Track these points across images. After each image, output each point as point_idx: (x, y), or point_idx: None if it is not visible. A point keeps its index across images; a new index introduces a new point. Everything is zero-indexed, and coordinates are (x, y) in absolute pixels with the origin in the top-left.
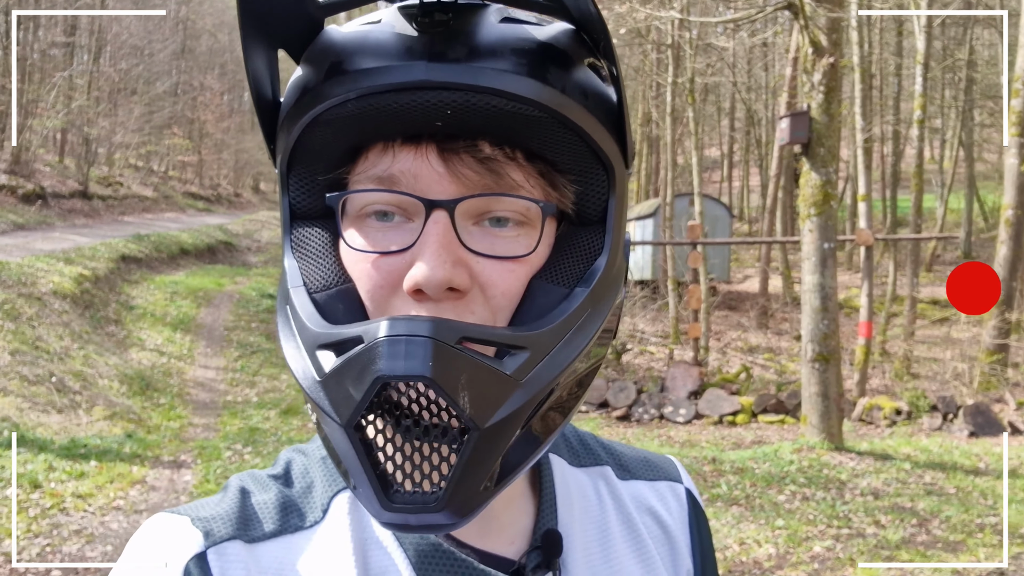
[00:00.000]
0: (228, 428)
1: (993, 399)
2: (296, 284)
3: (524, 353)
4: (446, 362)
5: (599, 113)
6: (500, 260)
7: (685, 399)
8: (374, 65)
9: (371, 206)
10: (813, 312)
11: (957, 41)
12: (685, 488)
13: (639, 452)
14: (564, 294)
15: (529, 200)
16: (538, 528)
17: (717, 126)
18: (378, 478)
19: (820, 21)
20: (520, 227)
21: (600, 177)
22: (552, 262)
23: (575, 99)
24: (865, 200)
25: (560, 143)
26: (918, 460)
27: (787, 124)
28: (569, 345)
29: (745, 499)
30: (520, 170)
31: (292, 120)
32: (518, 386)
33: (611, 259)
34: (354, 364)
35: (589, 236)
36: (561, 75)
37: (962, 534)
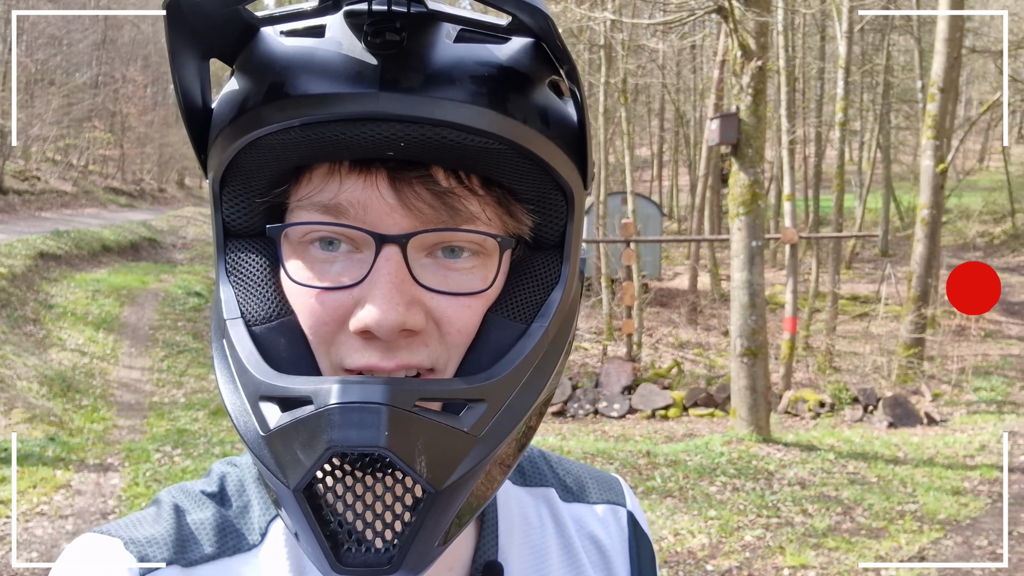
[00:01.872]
0: (155, 430)
1: (910, 391)
2: (233, 316)
3: (481, 406)
4: (402, 429)
5: (560, 140)
6: (456, 296)
7: (619, 394)
8: (321, 91)
9: (315, 233)
10: (742, 308)
11: (875, 47)
12: (628, 511)
13: (585, 471)
14: (520, 331)
15: (487, 235)
16: (478, 558)
17: (647, 126)
18: (328, 538)
19: (749, 25)
20: (475, 257)
21: (559, 203)
22: (507, 293)
23: (536, 128)
24: (790, 200)
25: (520, 173)
26: (841, 451)
27: (717, 125)
28: (528, 389)
29: (679, 491)
30: (476, 200)
31: (227, 139)
32: (476, 442)
33: (567, 289)
34: (302, 429)
35: (546, 263)
36: (522, 103)
37: (884, 521)
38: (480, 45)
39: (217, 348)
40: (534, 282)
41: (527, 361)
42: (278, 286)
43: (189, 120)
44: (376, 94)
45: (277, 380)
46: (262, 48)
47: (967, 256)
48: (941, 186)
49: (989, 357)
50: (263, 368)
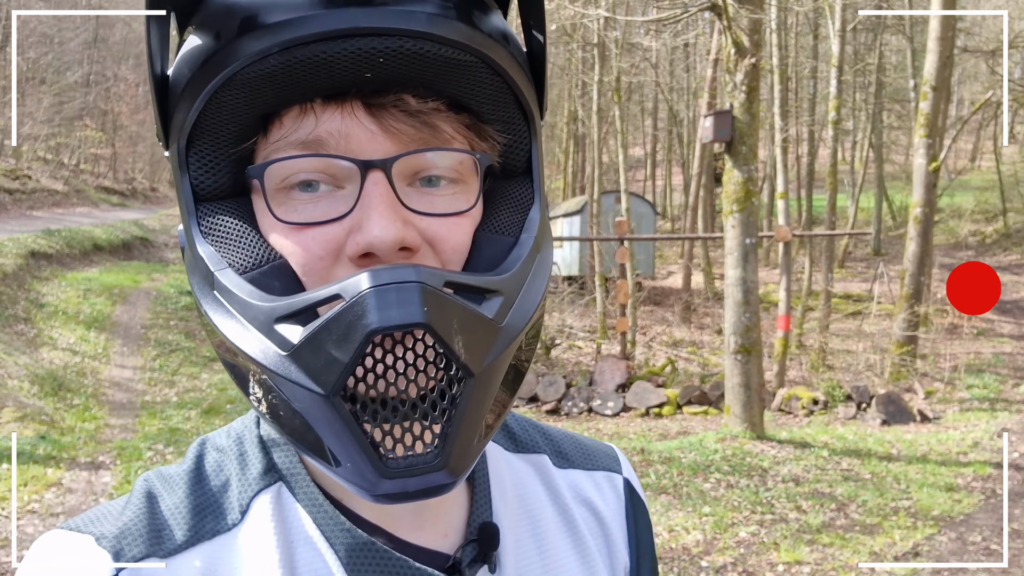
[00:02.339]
0: (147, 429)
1: (903, 389)
2: (220, 267)
3: (499, 297)
4: (439, 307)
5: (520, 59)
6: (445, 217)
7: (613, 392)
8: (295, 15)
9: (294, 176)
10: (735, 305)
11: (868, 46)
12: (624, 478)
13: (579, 439)
14: (511, 242)
15: (467, 152)
16: (472, 520)
17: (641, 125)
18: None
19: (742, 22)
20: (454, 184)
21: (522, 127)
22: (490, 214)
23: (499, 43)
24: (783, 198)
25: (487, 91)
26: (835, 448)
27: (711, 123)
28: (533, 286)
29: (673, 488)
30: (449, 123)
31: (195, 89)
32: (500, 330)
33: (543, 206)
34: (338, 323)
35: (518, 188)
36: (489, 21)
37: (878, 517)
38: None
39: (208, 300)
40: (511, 203)
41: (527, 262)
42: (260, 237)
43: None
44: (351, 10)
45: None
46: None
47: (959, 255)
48: (934, 185)
49: (982, 355)
50: (267, 296)
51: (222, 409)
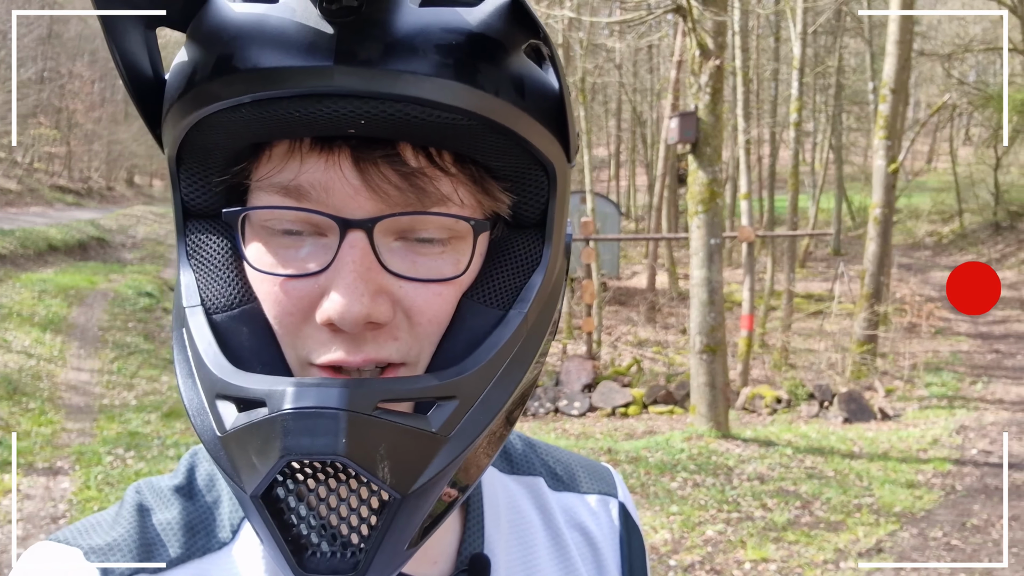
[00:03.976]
0: (106, 433)
1: (864, 387)
2: (193, 303)
3: (451, 404)
4: (361, 435)
5: (538, 111)
6: (426, 283)
7: (579, 392)
8: (272, 64)
9: (276, 223)
10: (701, 305)
11: (828, 49)
12: (619, 503)
13: (575, 460)
14: (498, 318)
15: (459, 218)
16: (464, 549)
17: (605, 126)
18: (290, 543)
19: (706, 24)
20: (448, 243)
21: (539, 179)
22: (485, 277)
23: (509, 100)
24: (746, 199)
25: (494, 149)
26: (799, 446)
27: (676, 124)
28: (504, 381)
29: (640, 487)
30: (448, 179)
31: (177, 116)
32: (445, 442)
33: (549, 270)
34: (257, 433)
35: (526, 244)
36: (494, 73)
37: (841, 514)
38: (448, 9)
39: (177, 338)
40: (513, 264)
41: (503, 351)
42: (241, 270)
43: (138, 93)
44: (331, 68)
45: (233, 378)
46: (212, 15)
47: (917, 255)
48: (893, 185)
49: (940, 353)
50: (221, 363)
51: (183, 412)
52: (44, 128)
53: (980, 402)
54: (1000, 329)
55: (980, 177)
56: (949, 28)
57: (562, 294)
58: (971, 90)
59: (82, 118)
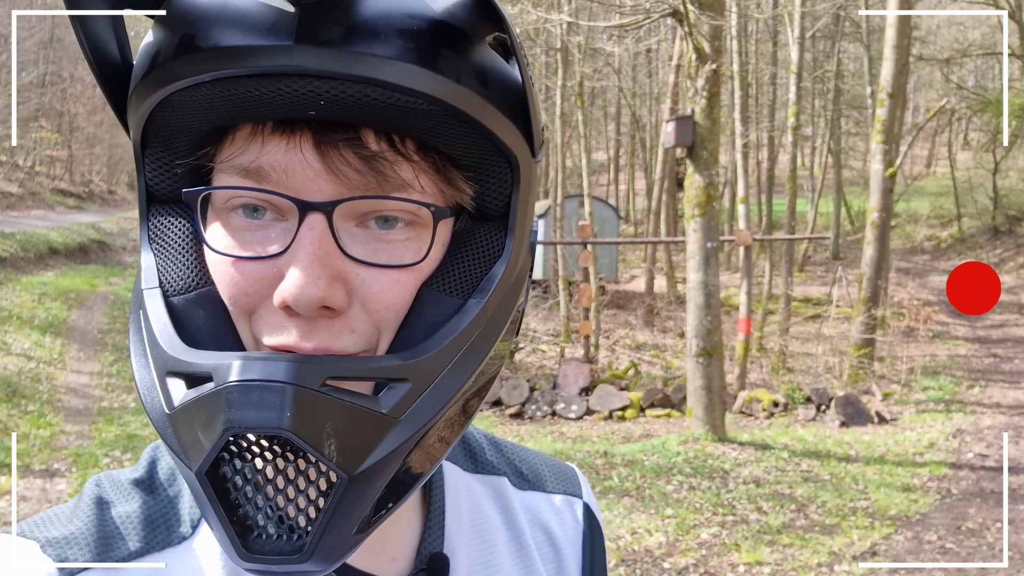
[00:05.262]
0: (104, 435)
1: (861, 391)
2: (151, 285)
3: (404, 386)
4: (307, 410)
5: (501, 102)
6: (385, 269)
7: (576, 395)
8: (233, 43)
9: (237, 199)
10: (697, 309)
11: (826, 53)
12: (584, 503)
13: (541, 460)
14: (456, 306)
15: (419, 204)
16: (423, 548)
17: (604, 130)
18: (235, 524)
19: (703, 28)
20: (410, 228)
21: (502, 171)
22: (446, 266)
23: (472, 88)
24: (744, 203)
25: (456, 137)
26: (795, 449)
27: (673, 128)
28: (459, 368)
29: (636, 490)
30: (410, 166)
31: (140, 97)
32: (395, 424)
33: (512, 263)
34: (202, 408)
35: (489, 236)
36: (456, 61)
37: (836, 517)
38: None
39: (134, 320)
40: (475, 255)
41: (460, 339)
42: (201, 254)
43: (105, 79)
44: (291, 47)
45: (183, 355)
46: None
47: (915, 259)
48: (890, 190)
49: (937, 357)
50: (174, 342)
51: None
52: (45, 131)
53: (977, 406)
54: (998, 333)
55: (979, 181)
56: (948, 33)
57: (525, 293)
58: (970, 95)
59: (83, 122)
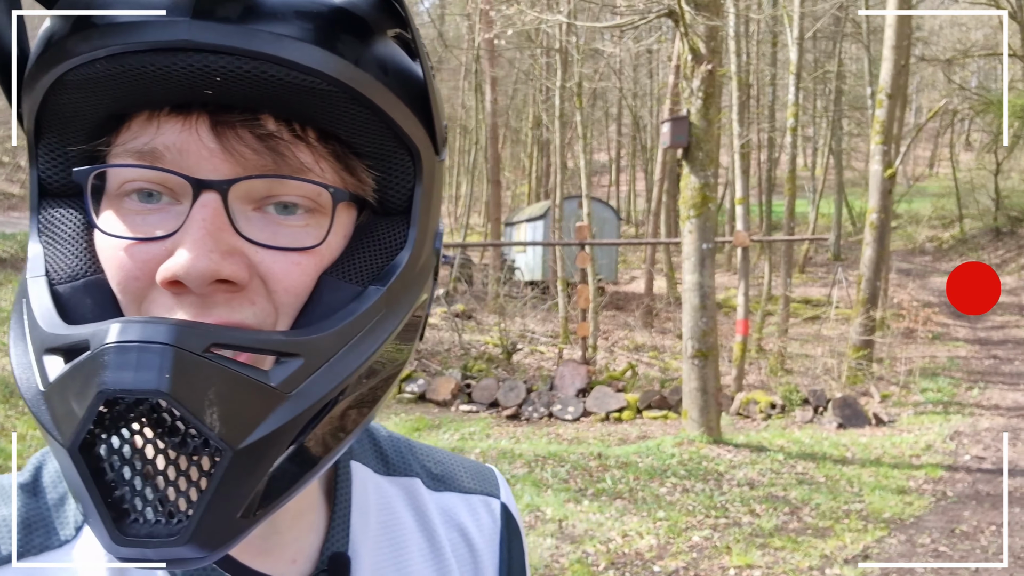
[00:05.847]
0: None
1: (859, 392)
2: (36, 274)
3: (296, 361)
4: (188, 374)
5: (403, 92)
6: (284, 252)
7: (573, 397)
8: (128, 18)
9: (131, 183)
10: (693, 310)
11: (828, 54)
12: (501, 503)
13: (458, 461)
14: (356, 292)
15: (318, 185)
16: (326, 548)
17: (605, 131)
18: (110, 507)
19: (699, 29)
20: (310, 215)
21: (405, 163)
22: (346, 256)
23: (372, 74)
24: (742, 204)
25: (356, 123)
26: (791, 451)
27: (668, 128)
28: (355, 351)
29: (629, 492)
30: (310, 151)
31: (34, 79)
32: (284, 399)
33: (415, 254)
34: (77, 375)
35: (391, 228)
36: (356, 46)
37: (830, 520)
38: None
39: (15, 310)
40: (377, 246)
41: (357, 322)
42: (91, 242)
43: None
44: (188, 21)
45: (61, 329)
46: None
47: (916, 260)
48: (889, 191)
49: (937, 359)
50: (54, 320)
51: None
52: None
53: (976, 408)
54: (999, 335)
55: (981, 182)
56: (951, 34)
57: (429, 294)
58: (972, 95)
59: None
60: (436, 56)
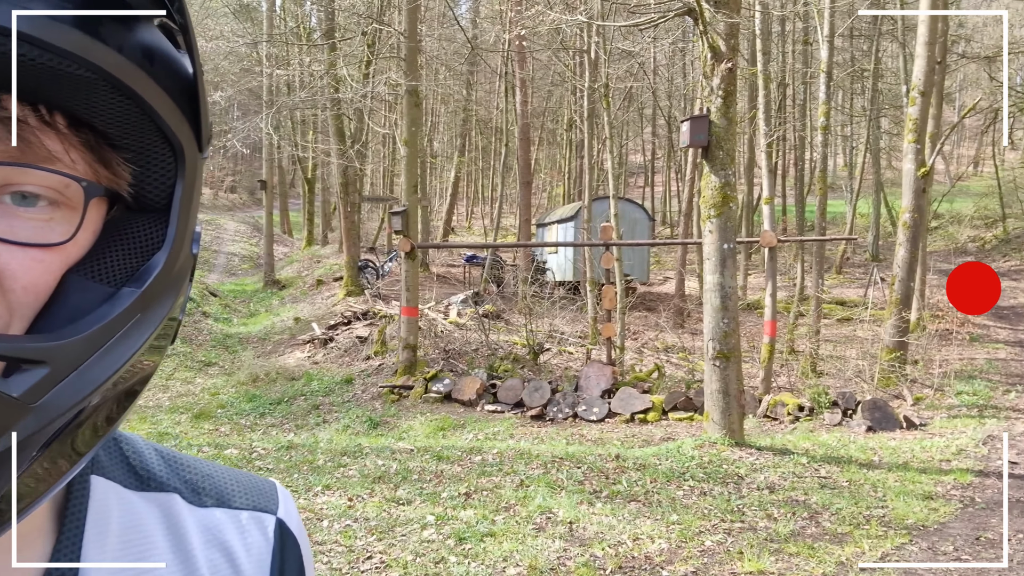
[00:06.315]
0: (136, 433)
1: (892, 395)
2: None
3: (41, 369)
4: None
5: (168, 83)
6: (24, 247)
7: (598, 398)
8: None
9: None
10: (714, 311)
11: (865, 52)
12: (277, 519)
13: (230, 475)
14: (107, 294)
15: (67, 176)
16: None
17: (640, 132)
18: None
19: (719, 26)
20: (55, 208)
21: (166, 158)
22: (96, 253)
23: (134, 61)
24: (768, 203)
25: (114, 113)
26: (815, 454)
27: (687, 127)
28: (107, 358)
29: (644, 495)
30: (60, 139)
31: None
32: (27, 411)
33: (173, 255)
34: None
35: (147, 226)
36: (117, 29)
37: (849, 526)
38: None
39: None
40: (131, 245)
41: (110, 326)
42: None
43: None
44: None
45: None
46: None
47: (958, 261)
48: (923, 190)
49: (975, 361)
50: None
51: (212, 413)
52: None
53: (1012, 412)
54: None
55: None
56: (994, 31)
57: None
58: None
59: None
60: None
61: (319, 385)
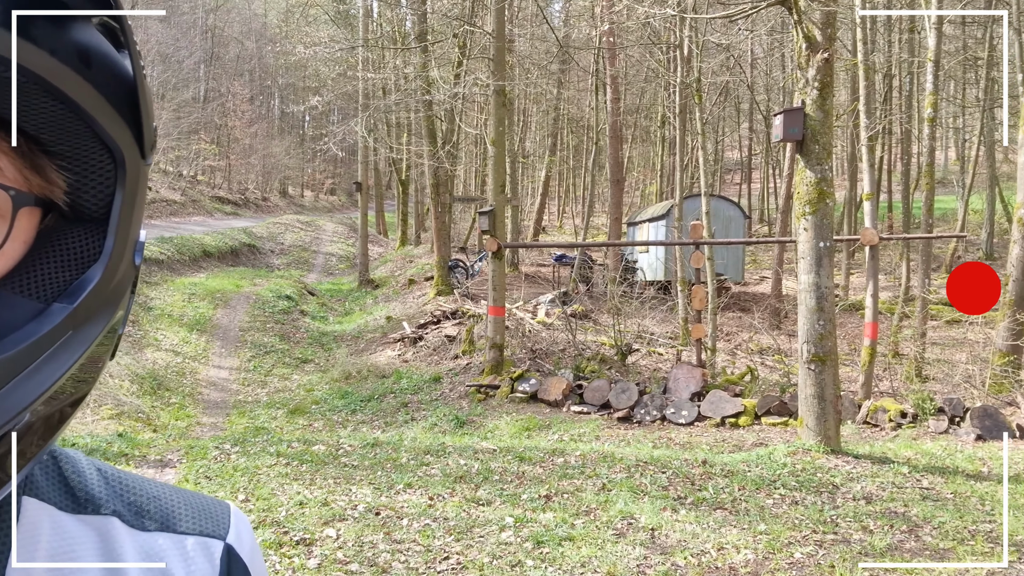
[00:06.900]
0: (235, 427)
1: (1005, 402)
2: None
3: None
4: None
5: (106, 88)
6: None
7: (687, 400)
8: None
9: None
10: (809, 312)
11: (978, 40)
12: (226, 544)
13: (179, 497)
14: (37, 310)
15: None
16: None
17: (737, 128)
18: None
19: (814, 15)
20: None
21: (104, 166)
22: (26, 266)
23: (70, 65)
24: (870, 199)
25: (47, 118)
26: (918, 464)
27: (780, 121)
28: (33, 379)
29: (731, 503)
30: None
31: None
32: None
33: (111, 268)
34: None
35: (84, 237)
36: (51, 31)
37: (952, 541)
38: None
39: None
40: (65, 257)
41: (37, 346)
42: None
43: None
44: None
45: None
46: None
47: None
48: None
49: None
50: None
51: (307, 409)
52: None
53: None
54: None
55: None
56: None
57: (126, 311)
58: None
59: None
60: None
61: (408, 383)
